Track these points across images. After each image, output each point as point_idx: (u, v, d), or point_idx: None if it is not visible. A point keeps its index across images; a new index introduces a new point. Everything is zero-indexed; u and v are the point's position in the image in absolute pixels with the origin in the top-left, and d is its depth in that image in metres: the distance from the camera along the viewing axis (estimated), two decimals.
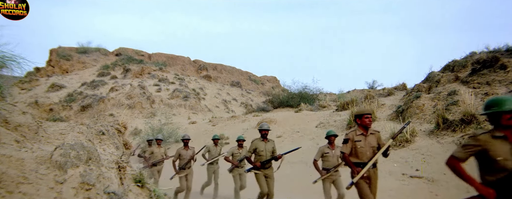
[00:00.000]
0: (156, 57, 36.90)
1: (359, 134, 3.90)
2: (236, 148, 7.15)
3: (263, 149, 5.38)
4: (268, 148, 5.41)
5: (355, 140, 3.87)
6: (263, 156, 5.35)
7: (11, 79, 2.88)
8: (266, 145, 5.43)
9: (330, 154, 5.36)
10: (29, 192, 1.59)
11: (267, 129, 5.48)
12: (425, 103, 9.92)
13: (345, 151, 3.86)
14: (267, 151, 5.38)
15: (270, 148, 5.43)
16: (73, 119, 20.86)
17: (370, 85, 22.65)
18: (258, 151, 5.36)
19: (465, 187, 5.79)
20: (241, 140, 7.09)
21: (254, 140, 5.45)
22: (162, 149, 8.01)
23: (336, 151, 5.33)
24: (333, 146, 5.42)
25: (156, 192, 2.69)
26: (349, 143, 3.88)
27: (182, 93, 25.31)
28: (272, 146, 5.48)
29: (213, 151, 7.62)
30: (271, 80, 43.72)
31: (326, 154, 5.38)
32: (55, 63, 31.77)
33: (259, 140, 5.43)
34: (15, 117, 2.24)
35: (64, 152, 1.89)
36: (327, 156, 5.37)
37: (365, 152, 3.84)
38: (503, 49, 11.46)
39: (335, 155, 5.33)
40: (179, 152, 6.95)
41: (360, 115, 3.93)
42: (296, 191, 6.90)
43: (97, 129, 3.04)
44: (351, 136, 3.91)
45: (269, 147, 5.44)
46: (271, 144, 5.48)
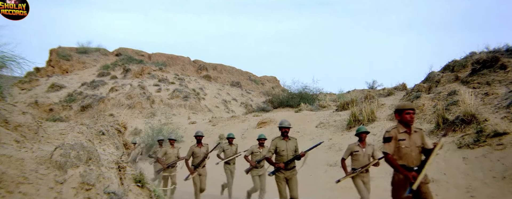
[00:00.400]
0: (156, 57, 36.91)
1: (402, 131, 3.42)
2: (256, 147, 6.78)
3: (284, 148, 4.92)
4: (290, 147, 4.94)
5: (399, 138, 3.38)
6: (285, 156, 4.90)
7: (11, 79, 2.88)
8: (288, 143, 4.97)
9: (360, 153, 4.91)
10: (29, 192, 1.59)
11: (287, 126, 5.00)
12: (425, 103, 9.92)
13: (388, 151, 3.36)
14: (289, 151, 4.93)
15: (292, 147, 4.97)
16: (73, 119, 20.86)
17: (370, 85, 22.65)
18: (279, 150, 4.93)
19: (465, 187, 5.80)
20: (262, 139, 6.72)
21: (274, 139, 5.03)
22: (175, 149, 7.53)
23: (367, 150, 4.92)
24: (364, 143, 4.98)
25: (156, 192, 2.69)
26: (392, 141, 3.39)
27: (182, 93, 25.31)
28: (294, 144, 5.01)
29: (228, 151, 7.23)
30: (271, 80, 43.72)
31: (356, 152, 4.93)
32: (55, 63, 31.77)
33: (279, 139, 4.99)
34: (15, 117, 2.24)
35: (64, 152, 1.89)
36: (356, 154, 4.92)
37: (410, 152, 3.35)
38: (503, 49, 11.46)
39: (366, 154, 4.91)
40: (192, 150, 6.50)
41: (400, 110, 3.47)
42: None
43: (97, 129, 3.04)
44: (394, 133, 3.42)
45: (291, 145, 4.96)
46: (293, 143, 5.02)
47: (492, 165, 6.05)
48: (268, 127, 13.82)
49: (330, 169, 8.41)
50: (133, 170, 2.81)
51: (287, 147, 4.95)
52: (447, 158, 6.92)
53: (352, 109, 11.62)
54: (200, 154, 6.48)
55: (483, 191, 5.55)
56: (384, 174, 6.69)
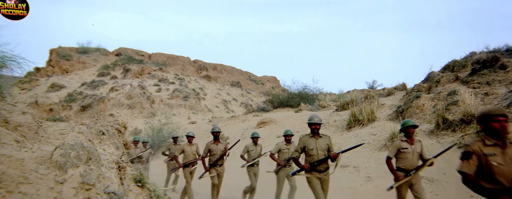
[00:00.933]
0: (156, 57, 36.91)
1: (489, 144, 2.49)
2: (283, 144, 6.24)
3: (313, 147, 4.37)
4: (320, 145, 4.37)
5: (486, 153, 2.44)
6: (315, 155, 4.35)
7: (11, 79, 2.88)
8: (318, 142, 4.40)
9: (409, 150, 4.21)
10: (29, 192, 1.59)
11: (318, 122, 4.41)
12: (425, 102, 9.91)
13: (467, 171, 2.47)
14: (319, 150, 4.36)
15: (324, 146, 4.39)
16: (73, 119, 20.86)
17: (370, 85, 22.64)
18: (308, 150, 4.38)
19: (465, 187, 5.78)
20: (289, 135, 6.26)
21: (302, 137, 4.51)
22: (193, 147, 6.92)
23: (416, 147, 4.21)
24: (412, 140, 4.29)
25: (156, 192, 2.69)
26: (473, 159, 2.48)
27: (182, 93, 25.31)
28: (326, 143, 4.43)
29: (253, 152, 6.70)
30: (271, 80, 43.72)
31: (404, 149, 4.23)
32: (55, 63, 31.77)
33: (308, 137, 4.46)
34: (15, 117, 2.24)
35: (64, 152, 1.89)
36: (404, 152, 4.23)
37: (507, 172, 2.35)
38: (503, 49, 11.46)
39: (415, 151, 4.20)
40: (208, 147, 6.07)
41: (487, 117, 2.57)
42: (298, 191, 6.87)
43: (97, 129, 3.04)
44: (477, 148, 2.51)
45: (322, 144, 4.39)
46: (324, 141, 4.43)
47: None
48: (268, 127, 13.83)
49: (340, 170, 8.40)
50: (133, 170, 2.81)
51: (317, 146, 4.38)
52: (447, 158, 6.91)
53: (352, 109, 11.63)
54: (218, 151, 6.03)
55: None
56: (384, 174, 6.69)
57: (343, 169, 8.06)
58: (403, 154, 4.24)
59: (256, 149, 6.70)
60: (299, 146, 4.46)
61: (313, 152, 4.37)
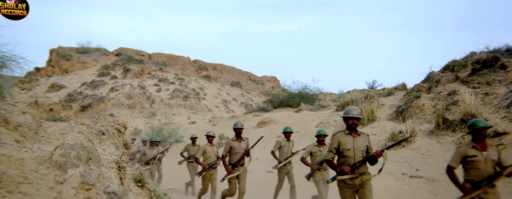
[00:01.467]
0: (156, 57, 36.91)
1: None
2: (315, 146, 5.73)
3: (350, 146, 3.64)
4: (358, 145, 3.65)
5: None
6: (351, 157, 3.62)
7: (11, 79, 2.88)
8: (356, 140, 3.67)
9: (479, 158, 3.45)
10: (29, 192, 1.59)
11: (356, 116, 3.66)
12: (425, 102, 9.91)
13: None
14: (357, 150, 3.63)
15: (362, 146, 3.67)
16: (73, 119, 20.87)
17: (370, 85, 22.62)
18: (344, 149, 3.65)
19: None
20: (323, 135, 5.66)
21: (336, 133, 3.76)
22: (214, 147, 6.42)
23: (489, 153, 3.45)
24: (484, 145, 3.50)
25: (156, 192, 2.69)
26: None
27: (182, 93, 25.31)
28: (364, 142, 3.69)
29: (285, 148, 6.12)
30: (271, 80, 43.72)
31: (473, 158, 3.47)
32: (55, 63, 31.77)
33: (343, 134, 3.71)
34: (15, 117, 2.24)
35: (64, 152, 1.89)
36: (474, 161, 3.47)
37: None
38: (503, 49, 11.46)
39: (489, 159, 3.42)
40: (230, 145, 5.44)
41: None
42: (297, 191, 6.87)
43: (97, 129, 3.04)
44: None
45: (361, 143, 3.67)
46: (363, 140, 3.69)
47: None
48: (268, 127, 13.83)
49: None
50: (133, 170, 2.81)
51: (354, 145, 3.64)
52: (447, 158, 6.91)
53: None
54: (240, 150, 5.45)
55: None
56: (384, 174, 6.69)
57: None
58: (473, 164, 3.49)
59: (288, 145, 6.20)
60: (333, 145, 3.71)
61: (350, 153, 3.62)
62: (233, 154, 5.48)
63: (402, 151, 7.94)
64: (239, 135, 5.53)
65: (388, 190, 6.14)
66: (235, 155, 5.47)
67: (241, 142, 5.53)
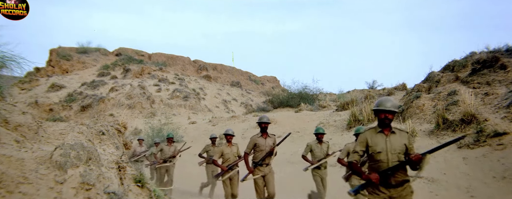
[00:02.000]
0: (156, 57, 36.91)
1: None
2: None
3: (382, 148, 2.85)
4: (393, 146, 2.83)
5: None
6: (384, 161, 2.83)
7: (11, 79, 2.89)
8: (390, 140, 2.86)
9: None
10: (29, 192, 1.59)
11: (391, 110, 2.86)
12: (425, 102, 9.92)
13: None
14: (391, 152, 2.83)
15: (399, 147, 2.84)
16: (73, 119, 20.86)
17: (370, 85, 22.63)
18: (374, 152, 2.87)
19: (465, 187, 5.80)
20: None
21: (365, 132, 3.01)
22: (234, 147, 5.79)
23: None
24: None
25: (156, 192, 2.69)
26: None
27: (182, 93, 25.31)
28: (402, 142, 2.87)
29: (317, 150, 5.59)
30: (271, 80, 43.72)
31: None
32: (55, 63, 31.77)
33: (373, 132, 2.95)
34: (15, 117, 2.24)
35: (64, 152, 1.89)
36: None
37: None
38: (503, 49, 11.45)
39: None
40: (254, 141, 4.89)
41: None
42: (296, 192, 6.88)
43: (97, 129, 3.04)
44: None
45: (397, 144, 2.84)
46: (400, 139, 2.89)
47: (492, 165, 6.05)
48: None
49: (329, 168, 8.39)
50: (133, 170, 2.81)
51: (388, 146, 2.82)
52: (447, 158, 6.92)
53: (352, 109, 11.63)
54: (266, 147, 4.87)
55: (483, 191, 5.56)
56: None
57: (343, 168, 8.06)
58: None
59: (321, 147, 5.63)
60: (360, 147, 2.92)
61: (382, 156, 2.82)
62: (258, 152, 4.90)
63: None
64: (265, 130, 4.92)
65: None
66: (259, 153, 4.88)
67: (267, 138, 4.92)
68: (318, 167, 5.52)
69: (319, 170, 5.56)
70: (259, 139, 4.94)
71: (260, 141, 4.92)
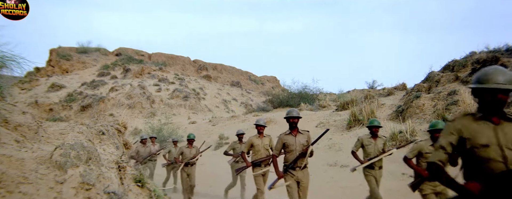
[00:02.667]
0: (156, 57, 36.91)
1: None
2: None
3: (490, 141, 1.94)
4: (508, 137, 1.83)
5: None
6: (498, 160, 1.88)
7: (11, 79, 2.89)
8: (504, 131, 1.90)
9: None
10: (29, 192, 1.59)
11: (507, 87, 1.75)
12: (425, 102, 9.92)
13: None
14: (507, 147, 1.90)
15: None
16: (73, 119, 20.87)
17: (370, 85, 22.60)
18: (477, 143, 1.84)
19: None
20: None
21: (462, 118, 2.03)
22: (266, 139, 5.40)
23: None
24: None
25: (156, 192, 2.69)
26: None
27: (182, 93, 25.31)
28: None
29: (370, 146, 4.82)
30: (271, 80, 43.72)
31: None
32: (55, 63, 31.77)
33: (470, 120, 2.09)
34: (15, 117, 2.24)
35: (64, 152, 1.89)
36: None
37: None
38: (503, 49, 11.45)
39: None
40: (283, 140, 4.18)
41: None
42: None
43: (97, 129, 3.04)
44: None
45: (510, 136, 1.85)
46: None
47: None
48: (268, 126, 13.81)
49: (329, 168, 8.41)
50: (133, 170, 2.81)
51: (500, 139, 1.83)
52: None
53: (352, 108, 11.63)
54: (296, 146, 4.10)
55: None
56: (384, 174, 6.69)
57: (343, 168, 8.06)
58: None
59: (376, 143, 4.79)
60: (450, 139, 1.91)
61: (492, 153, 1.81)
62: (288, 153, 4.15)
63: (402, 151, 7.94)
64: (295, 126, 4.11)
65: (388, 189, 6.13)
66: (290, 154, 4.12)
67: (298, 135, 4.11)
68: (371, 166, 4.69)
69: (372, 170, 4.73)
70: (287, 137, 4.13)
71: (289, 139, 4.11)
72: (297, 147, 4.08)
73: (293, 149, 4.10)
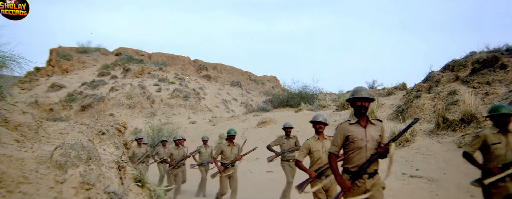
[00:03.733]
0: (156, 57, 36.91)
1: None
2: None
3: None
4: None
5: None
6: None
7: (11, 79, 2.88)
8: None
9: None
10: (29, 191, 1.59)
11: None
12: (425, 102, 9.92)
13: None
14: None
15: None
16: (73, 119, 20.87)
17: (370, 85, 22.54)
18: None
19: (465, 187, 5.79)
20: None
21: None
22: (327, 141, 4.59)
23: None
24: None
25: (156, 192, 2.69)
26: None
27: (182, 93, 25.31)
28: None
29: None
30: (271, 80, 43.73)
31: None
32: (55, 63, 31.77)
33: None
34: (15, 117, 2.24)
35: (64, 151, 1.89)
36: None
37: None
38: (503, 49, 11.45)
39: None
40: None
41: None
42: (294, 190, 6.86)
43: (97, 129, 3.04)
44: None
45: None
46: None
47: None
48: (268, 126, 13.82)
49: None
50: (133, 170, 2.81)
51: None
52: (447, 157, 6.92)
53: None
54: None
55: None
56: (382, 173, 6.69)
57: None
58: None
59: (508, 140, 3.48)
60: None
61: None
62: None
63: (402, 150, 7.94)
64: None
65: (388, 189, 6.11)
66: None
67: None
68: None
69: None
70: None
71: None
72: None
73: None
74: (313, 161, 3.86)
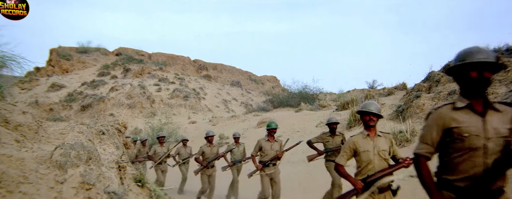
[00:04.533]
0: (156, 57, 36.92)
1: None
2: None
3: None
4: None
5: None
6: None
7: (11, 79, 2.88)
8: None
9: None
10: (29, 191, 1.59)
11: None
12: (425, 102, 9.91)
13: None
14: None
15: None
16: (73, 119, 20.87)
17: (370, 85, 22.55)
18: None
19: None
20: None
21: None
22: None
23: None
24: None
25: (156, 192, 2.69)
26: None
27: (182, 93, 25.31)
28: None
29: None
30: (271, 80, 43.72)
31: None
32: (55, 63, 31.77)
33: None
34: (15, 117, 2.24)
35: (64, 151, 1.89)
36: None
37: None
38: (503, 49, 11.44)
39: None
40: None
41: None
42: (297, 191, 6.89)
43: (97, 129, 3.04)
44: None
45: None
46: None
47: None
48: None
49: None
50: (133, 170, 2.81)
51: None
52: None
53: (352, 108, 11.62)
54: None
55: None
56: None
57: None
58: None
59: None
60: None
61: None
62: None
63: (402, 150, 7.93)
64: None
65: None
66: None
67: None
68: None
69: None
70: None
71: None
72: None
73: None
74: (360, 166, 3.10)
